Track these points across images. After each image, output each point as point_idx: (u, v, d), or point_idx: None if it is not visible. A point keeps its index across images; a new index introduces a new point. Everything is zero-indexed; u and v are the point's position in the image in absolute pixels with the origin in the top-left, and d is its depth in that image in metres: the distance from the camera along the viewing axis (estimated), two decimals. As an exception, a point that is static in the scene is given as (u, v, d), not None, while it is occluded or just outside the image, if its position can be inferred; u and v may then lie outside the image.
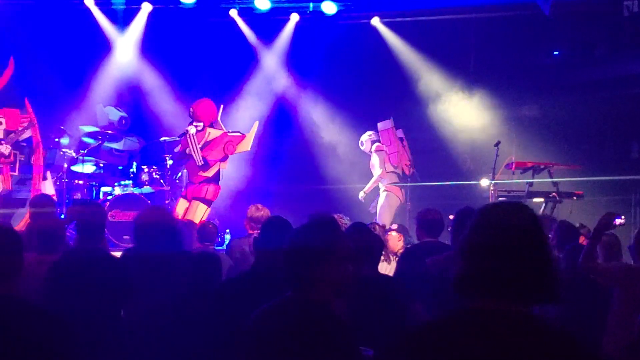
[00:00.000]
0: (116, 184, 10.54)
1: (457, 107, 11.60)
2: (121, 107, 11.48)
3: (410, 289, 4.36)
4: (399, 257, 6.55)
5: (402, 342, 2.11)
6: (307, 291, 2.76)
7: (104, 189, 10.52)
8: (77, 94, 11.40)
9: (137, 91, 11.84)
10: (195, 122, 8.84)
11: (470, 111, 11.56)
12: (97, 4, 11.46)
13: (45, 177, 9.17)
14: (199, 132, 8.82)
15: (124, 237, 9.19)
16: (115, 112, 11.28)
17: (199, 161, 8.77)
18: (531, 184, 9.12)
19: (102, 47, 11.63)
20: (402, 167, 10.84)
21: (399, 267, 5.81)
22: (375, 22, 11.96)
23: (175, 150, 9.84)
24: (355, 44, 11.83)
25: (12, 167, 8.94)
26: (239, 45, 11.99)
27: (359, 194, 10.80)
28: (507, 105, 11.51)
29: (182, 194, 9.18)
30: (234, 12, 11.82)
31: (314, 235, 2.83)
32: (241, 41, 12.01)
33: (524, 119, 11.62)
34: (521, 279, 2.01)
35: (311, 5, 11.65)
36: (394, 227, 7.71)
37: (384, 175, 10.70)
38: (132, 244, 4.80)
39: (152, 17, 11.65)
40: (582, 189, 9.31)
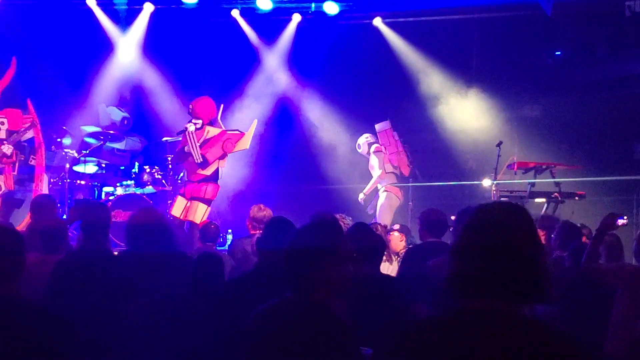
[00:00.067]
0: (118, 184, 10.56)
1: (459, 107, 11.60)
2: (123, 107, 11.50)
3: (412, 289, 4.36)
4: (402, 257, 6.56)
5: (394, 341, 2.12)
6: (307, 292, 2.77)
7: (106, 189, 10.54)
8: (79, 94, 11.40)
9: (139, 91, 11.85)
10: (194, 120, 8.83)
11: (472, 111, 11.56)
12: (99, 4, 11.46)
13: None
14: (198, 130, 8.81)
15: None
16: (117, 112, 11.29)
17: (198, 159, 8.75)
18: (533, 184, 9.12)
19: (104, 48, 11.63)
20: (401, 167, 10.84)
21: (402, 267, 5.83)
22: (377, 22, 11.95)
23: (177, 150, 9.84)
24: (357, 44, 11.82)
25: (14, 167, 8.94)
26: (241, 45, 11.99)
27: (359, 195, 10.80)
28: (509, 105, 11.50)
29: (180, 192, 9.14)
30: (235, 13, 11.82)
31: (314, 236, 2.84)
32: (243, 41, 12.01)
33: (525, 119, 11.61)
34: (512, 278, 2.01)
35: (313, 5, 11.64)
36: (396, 227, 7.71)
37: (383, 176, 10.69)
38: (125, 246, 4.82)
39: (154, 17, 11.65)
40: (584, 189, 9.32)
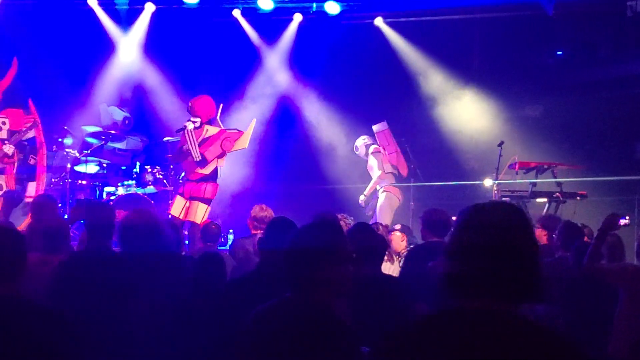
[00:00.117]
0: (119, 184, 10.56)
1: (461, 107, 11.59)
2: (124, 107, 11.50)
3: (414, 289, 4.36)
4: (404, 257, 6.57)
5: (389, 340, 2.13)
6: (307, 291, 2.76)
7: (107, 189, 10.54)
8: (80, 94, 11.40)
9: (141, 91, 11.85)
10: (192, 117, 8.82)
11: (473, 111, 11.56)
12: (100, 4, 11.46)
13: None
14: (197, 129, 8.79)
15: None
16: (118, 112, 11.29)
17: (197, 157, 8.72)
18: (535, 184, 9.12)
19: (105, 47, 11.63)
20: (399, 168, 10.84)
21: (405, 267, 5.83)
22: (378, 22, 11.94)
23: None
24: (358, 44, 11.82)
25: (15, 167, 8.93)
26: (242, 45, 11.98)
27: (360, 197, 10.78)
28: (510, 105, 11.50)
29: (179, 192, 9.11)
30: (237, 12, 11.81)
31: (314, 236, 2.84)
32: (244, 41, 12.00)
33: (527, 119, 11.60)
34: (508, 278, 2.01)
35: (314, 5, 11.63)
36: (398, 227, 7.71)
37: (383, 176, 10.69)
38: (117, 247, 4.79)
39: (155, 17, 11.64)
40: (585, 189, 9.31)
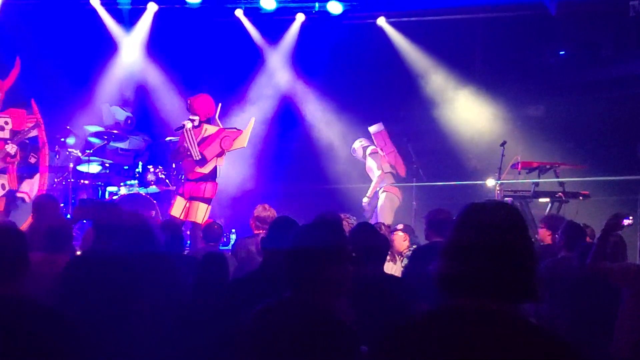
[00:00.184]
0: (122, 184, 10.56)
1: (463, 107, 11.58)
2: (126, 106, 11.51)
3: (418, 289, 4.36)
4: (409, 257, 6.58)
5: (385, 338, 2.15)
6: (306, 291, 2.77)
7: (109, 189, 10.55)
8: (83, 94, 11.42)
9: (143, 91, 11.86)
10: (191, 116, 8.82)
11: (476, 111, 11.54)
12: (102, 4, 11.47)
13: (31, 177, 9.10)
14: (196, 128, 8.79)
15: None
16: (121, 111, 11.30)
17: (197, 156, 8.71)
18: (537, 184, 9.11)
19: (108, 47, 11.64)
20: (397, 167, 10.84)
21: (408, 267, 5.85)
22: (381, 22, 11.92)
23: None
24: (360, 44, 11.81)
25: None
26: (245, 45, 11.99)
27: (363, 199, 10.76)
28: (512, 105, 11.49)
29: (179, 192, 9.09)
30: (239, 12, 11.81)
31: (314, 236, 2.84)
32: (246, 41, 12.01)
33: (529, 118, 11.60)
34: (500, 277, 2.03)
35: (317, 5, 11.63)
36: (400, 227, 7.70)
37: (382, 176, 10.68)
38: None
39: (157, 17, 11.66)
40: (588, 189, 9.30)
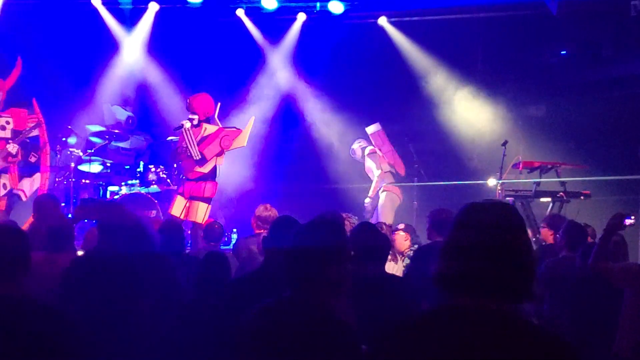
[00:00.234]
0: (123, 184, 10.56)
1: (464, 106, 11.58)
2: (127, 106, 11.51)
3: (419, 289, 4.36)
4: (411, 257, 6.58)
5: (382, 337, 2.15)
6: (305, 290, 2.76)
7: (111, 189, 10.55)
8: (84, 94, 11.43)
9: (145, 90, 11.87)
10: (190, 115, 8.82)
11: (477, 111, 11.54)
12: (104, 4, 11.47)
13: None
14: (195, 127, 8.79)
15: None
16: (122, 111, 11.31)
17: (196, 156, 8.71)
18: (538, 184, 9.10)
19: (109, 47, 11.64)
20: (395, 166, 10.84)
21: (411, 267, 5.86)
22: (382, 21, 11.93)
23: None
24: (362, 44, 11.81)
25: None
26: (246, 44, 11.99)
27: (365, 200, 10.76)
28: (514, 104, 11.49)
29: (179, 191, 9.09)
30: (240, 12, 11.81)
31: (312, 235, 2.84)
32: (248, 41, 12.01)
33: (531, 118, 11.59)
34: (498, 277, 2.03)
35: (318, 4, 11.63)
36: (401, 226, 7.70)
37: (382, 175, 10.69)
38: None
39: (159, 16, 11.67)
40: (589, 188, 9.29)
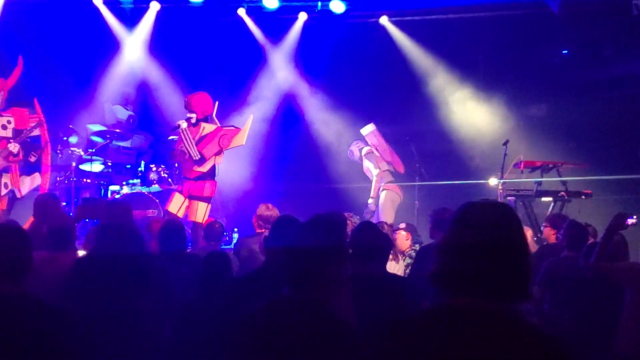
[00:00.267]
0: (124, 183, 10.56)
1: (466, 106, 11.58)
2: (128, 105, 11.51)
3: (422, 288, 4.36)
4: (413, 257, 6.58)
5: (377, 336, 2.15)
6: (304, 289, 2.76)
7: (112, 188, 10.55)
8: (86, 93, 11.44)
9: (146, 89, 11.87)
10: (188, 113, 8.83)
11: (478, 110, 11.55)
12: (105, 3, 11.48)
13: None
14: (194, 126, 8.78)
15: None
16: (123, 110, 11.31)
17: (196, 156, 8.70)
18: (540, 183, 9.12)
19: (110, 46, 11.65)
20: (394, 164, 10.85)
21: (414, 266, 5.87)
22: (383, 20, 11.92)
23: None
24: (363, 43, 11.80)
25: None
26: (247, 44, 11.98)
27: (368, 200, 10.76)
28: (515, 104, 11.48)
29: (178, 189, 9.08)
30: (242, 11, 11.81)
31: (313, 234, 2.84)
32: (249, 40, 12.00)
33: (532, 118, 11.58)
34: (493, 276, 2.03)
35: (319, 4, 11.62)
36: (402, 226, 7.70)
37: (381, 174, 10.69)
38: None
39: (160, 16, 11.67)
40: (590, 188, 9.30)
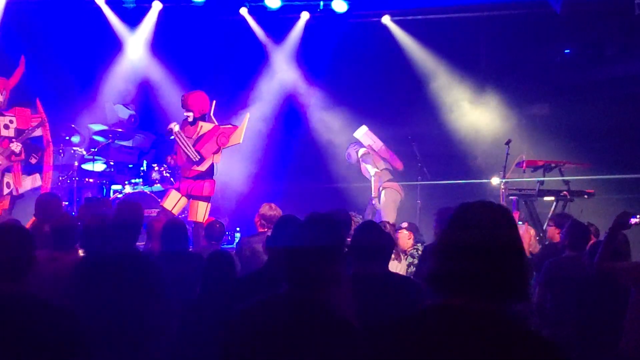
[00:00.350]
0: (126, 182, 10.57)
1: (468, 105, 11.58)
2: (130, 104, 11.52)
3: (425, 288, 4.36)
4: (419, 256, 6.59)
5: (373, 336, 2.16)
6: (302, 287, 2.76)
7: (114, 187, 10.56)
8: (88, 93, 11.45)
9: (148, 89, 11.87)
10: (185, 112, 8.82)
11: (481, 109, 11.54)
12: (107, 3, 11.49)
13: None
14: (191, 125, 8.77)
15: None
16: (124, 110, 11.31)
17: (195, 157, 8.69)
18: (542, 183, 9.11)
19: (112, 46, 11.66)
20: (391, 162, 10.85)
21: (418, 266, 5.87)
22: (385, 20, 11.92)
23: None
24: (365, 43, 11.80)
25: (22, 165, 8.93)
26: (249, 43, 11.99)
27: (373, 200, 10.75)
28: (517, 103, 11.48)
29: (175, 187, 9.07)
30: (244, 11, 11.80)
31: (311, 233, 2.84)
32: (251, 39, 12.00)
33: (534, 117, 11.58)
34: (490, 277, 2.04)
35: (322, 3, 11.62)
36: (404, 225, 7.69)
37: (379, 174, 10.70)
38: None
39: (162, 15, 11.67)
40: (593, 187, 9.29)
